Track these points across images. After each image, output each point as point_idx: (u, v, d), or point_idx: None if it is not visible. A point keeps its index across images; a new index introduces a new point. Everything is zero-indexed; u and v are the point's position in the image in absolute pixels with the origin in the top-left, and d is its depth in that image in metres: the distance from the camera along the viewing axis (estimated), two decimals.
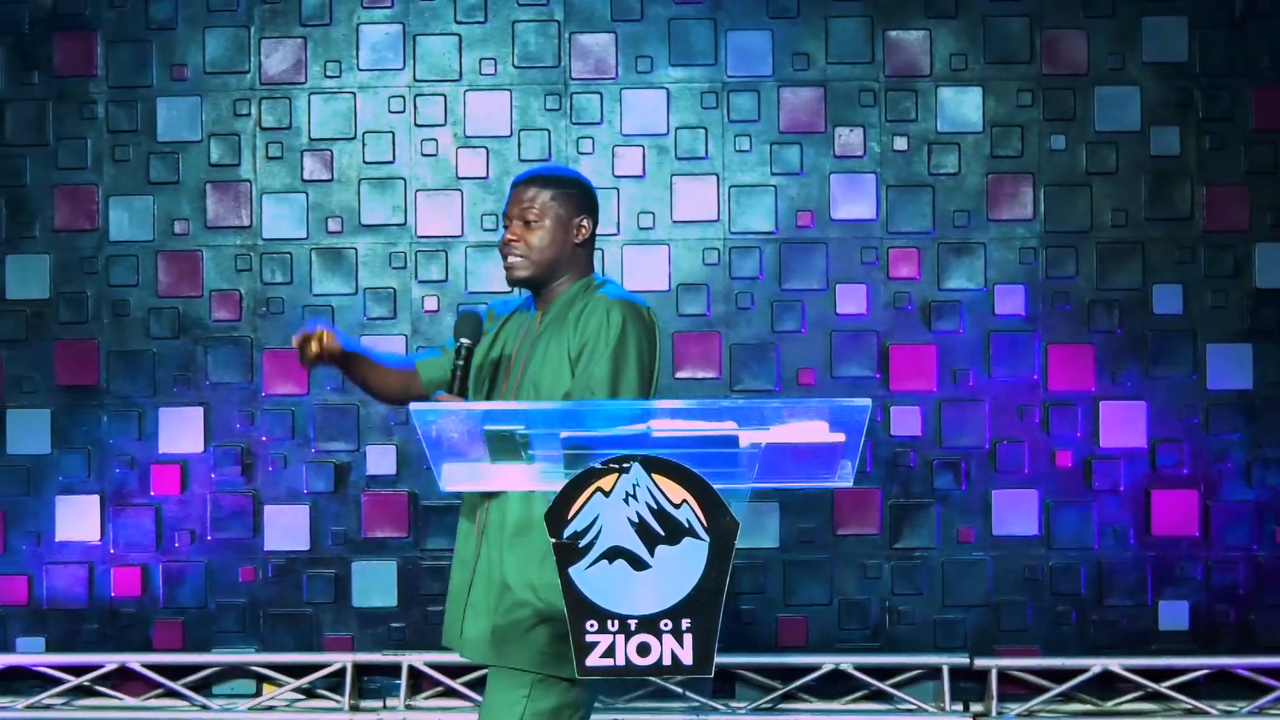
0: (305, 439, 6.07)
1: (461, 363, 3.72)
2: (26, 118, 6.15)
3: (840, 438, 4.50)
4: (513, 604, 3.72)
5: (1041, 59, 6.09)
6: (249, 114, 6.12)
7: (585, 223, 3.85)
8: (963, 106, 6.09)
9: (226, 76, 6.14)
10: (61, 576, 6.12)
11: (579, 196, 3.87)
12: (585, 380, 3.68)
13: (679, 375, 6.05)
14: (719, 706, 5.91)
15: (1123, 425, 6.07)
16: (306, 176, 6.11)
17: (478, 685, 6.01)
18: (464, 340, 3.74)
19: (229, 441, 6.08)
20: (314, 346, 3.82)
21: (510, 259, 3.84)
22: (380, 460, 6.08)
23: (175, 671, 6.10)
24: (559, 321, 3.80)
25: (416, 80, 6.12)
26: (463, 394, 3.73)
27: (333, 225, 6.10)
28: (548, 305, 3.87)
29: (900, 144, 6.09)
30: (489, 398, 3.89)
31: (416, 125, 6.12)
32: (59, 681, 6.07)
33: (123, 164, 6.12)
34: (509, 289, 5.90)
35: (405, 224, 6.10)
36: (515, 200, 3.84)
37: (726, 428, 4.61)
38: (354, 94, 6.12)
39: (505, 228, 3.85)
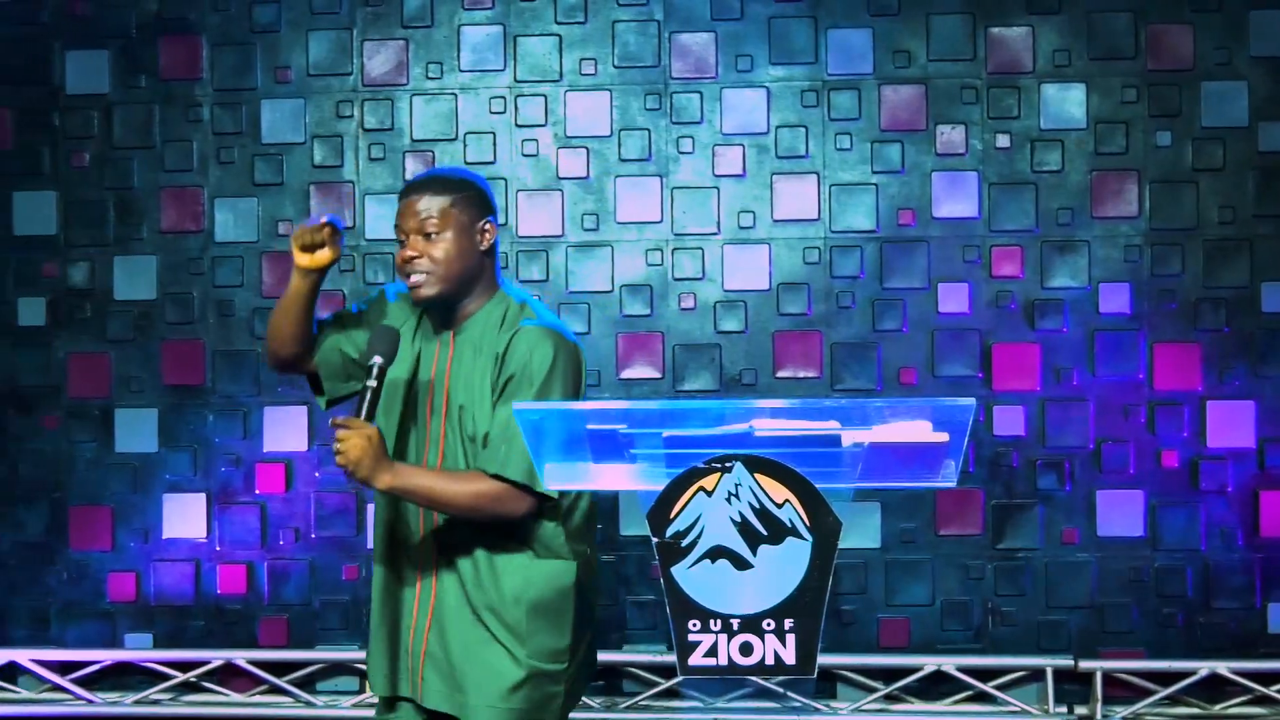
0: None
1: (374, 384, 3.48)
2: (134, 121, 6.35)
3: (944, 437, 4.59)
4: (498, 661, 3.63)
5: (1146, 54, 6.13)
6: (352, 116, 6.28)
7: (489, 226, 3.67)
8: (1066, 103, 6.14)
9: (329, 79, 6.30)
10: (169, 574, 6.31)
11: (479, 198, 3.69)
12: (505, 425, 3.50)
13: (779, 375, 6.15)
14: (820, 707, 6.00)
15: (1230, 425, 6.10)
16: (409, 177, 6.26)
17: None
18: (378, 359, 3.49)
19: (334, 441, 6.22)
20: (324, 236, 3.66)
21: (414, 277, 3.60)
22: None
23: (280, 668, 6.27)
24: (482, 348, 3.61)
25: (517, 81, 6.25)
26: (371, 419, 3.46)
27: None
28: (462, 324, 3.67)
29: (1003, 141, 6.15)
30: (403, 423, 3.68)
31: (517, 126, 6.26)
32: (166, 677, 6.26)
33: (228, 166, 6.30)
34: (608, 289, 6.03)
35: (506, 224, 6.23)
36: (408, 212, 3.61)
37: (829, 427, 4.72)
38: (455, 95, 6.26)
39: (401, 243, 3.62)
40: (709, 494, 4.63)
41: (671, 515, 4.65)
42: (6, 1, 6.37)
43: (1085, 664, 6.03)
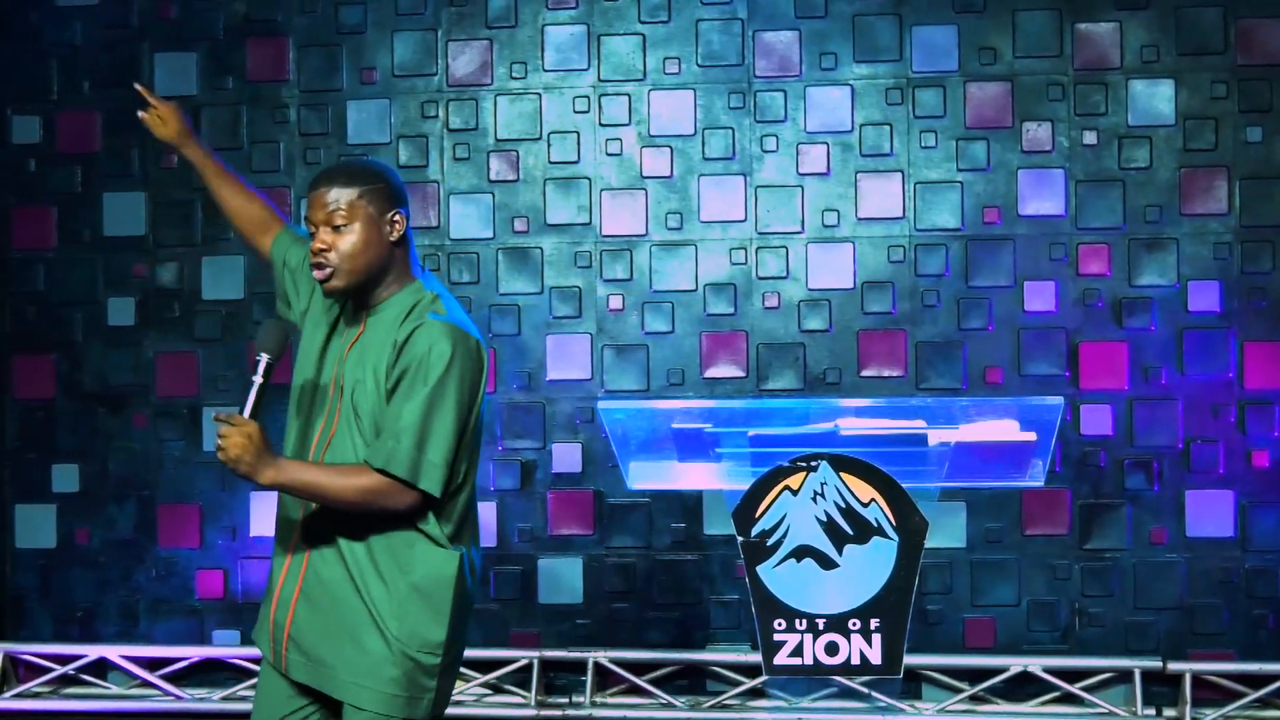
0: (492, 437, 6.34)
1: (261, 380, 3.46)
2: (221, 122, 6.52)
3: (1031, 437, 4.68)
4: (370, 639, 3.58)
5: (1236, 49, 6.18)
6: (436, 116, 6.41)
7: (398, 217, 3.63)
8: (1154, 99, 6.19)
9: (414, 79, 6.43)
10: (256, 571, 6.46)
11: (388, 190, 3.64)
12: (395, 419, 3.51)
13: (864, 374, 6.23)
14: (905, 707, 6.07)
15: None
16: (493, 177, 6.38)
17: (663, 682, 6.25)
18: (265, 356, 3.49)
19: None
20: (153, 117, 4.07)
21: (323, 272, 3.60)
22: (566, 458, 6.33)
23: None
24: (383, 337, 3.61)
25: (601, 80, 6.36)
26: (255, 415, 3.43)
27: (519, 225, 6.36)
28: (374, 308, 3.67)
29: (1090, 138, 6.19)
30: (314, 394, 3.69)
31: (601, 125, 6.36)
32: (253, 674, 6.39)
33: (314, 166, 6.46)
34: (692, 288, 6.14)
35: (590, 223, 6.33)
36: (317, 204, 3.60)
37: (915, 426, 4.80)
38: (539, 95, 6.38)
39: (311, 236, 3.62)
40: (794, 493, 4.74)
41: (757, 514, 4.76)
42: (96, 5, 6.55)
43: (1174, 666, 6.07)
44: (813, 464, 4.73)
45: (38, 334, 6.62)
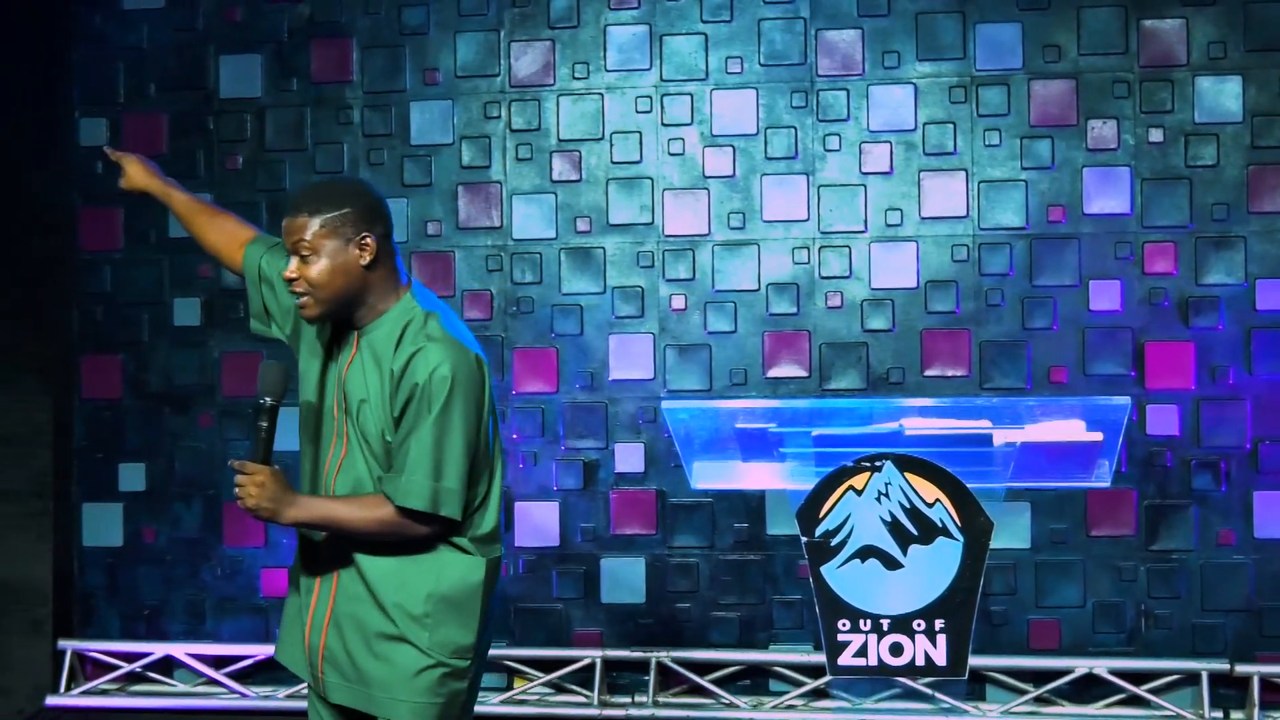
0: (555, 436, 6.38)
1: (266, 424, 3.53)
2: (286, 123, 6.59)
3: (1098, 437, 4.69)
4: (402, 654, 3.65)
5: None
6: (499, 116, 6.46)
7: (369, 240, 3.57)
8: (1221, 96, 6.17)
9: (477, 80, 6.48)
10: None
11: (354, 214, 3.58)
12: (405, 452, 3.55)
13: (927, 373, 6.24)
14: (969, 709, 6.07)
15: None
16: (555, 177, 6.42)
17: (726, 682, 6.28)
18: (267, 399, 3.54)
19: None
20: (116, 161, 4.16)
21: (298, 300, 3.62)
22: (629, 458, 6.37)
23: None
24: (381, 358, 3.62)
25: (663, 80, 6.40)
26: (267, 460, 3.51)
27: (581, 225, 6.39)
28: (365, 327, 3.67)
29: (1156, 136, 6.18)
30: (319, 416, 3.73)
31: (663, 125, 6.40)
32: None
33: (377, 167, 6.51)
34: (755, 287, 6.17)
35: (653, 223, 6.37)
36: (286, 231, 3.60)
37: (981, 426, 4.81)
38: (601, 95, 6.42)
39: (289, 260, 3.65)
40: (859, 493, 4.77)
41: (821, 514, 4.80)
42: (163, 9, 6.64)
43: (1241, 668, 6.06)
44: (877, 464, 4.76)
45: (105, 334, 6.73)
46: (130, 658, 6.66)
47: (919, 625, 4.81)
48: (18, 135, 6.62)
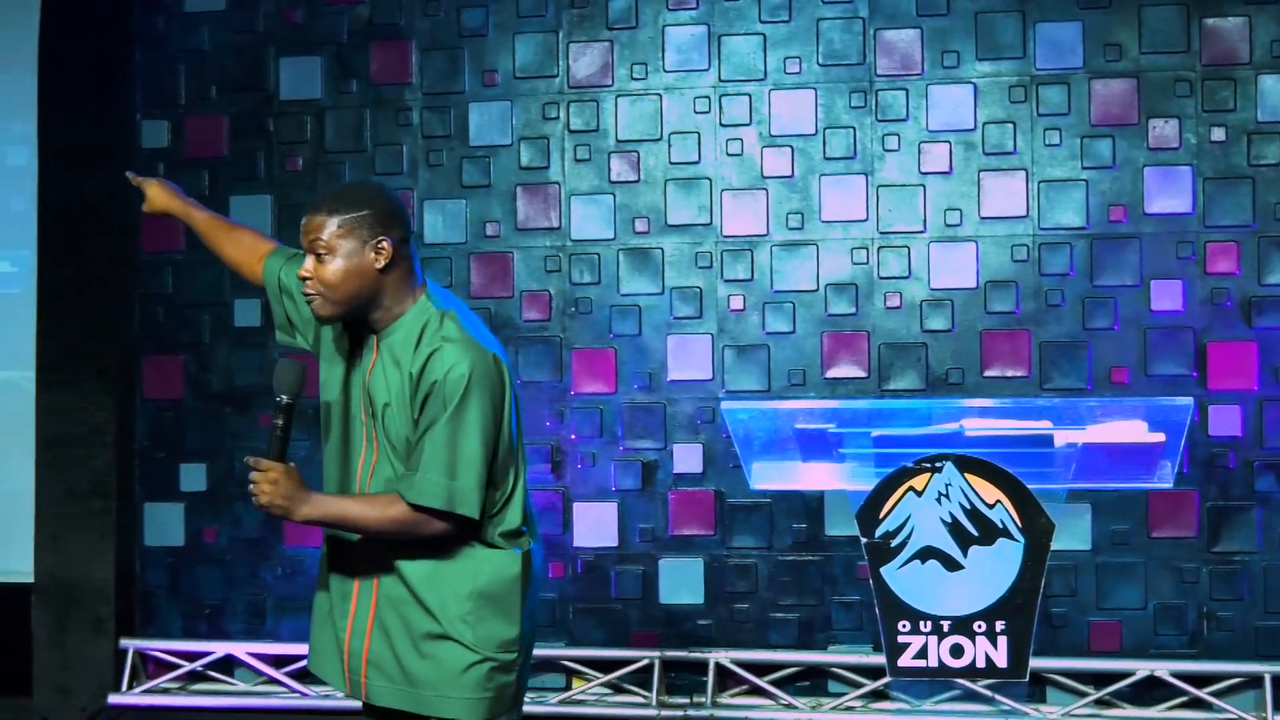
0: (613, 437, 6.41)
1: (281, 423, 3.58)
2: (346, 125, 6.66)
3: (1160, 437, 4.69)
4: (448, 652, 3.68)
5: None
6: (558, 117, 6.49)
7: (384, 244, 3.63)
8: None
9: (536, 81, 6.53)
10: None
11: (372, 217, 3.63)
12: (420, 451, 3.59)
13: (987, 374, 6.24)
14: (1029, 711, 6.07)
15: None
16: (614, 178, 6.45)
17: (784, 683, 6.30)
18: (283, 397, 3.60)
19: (539, 439, 6.45)
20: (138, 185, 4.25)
21: (312, 301, 3.67)
22: (687, 458, 6.40)
23: None
24: (400, 360, 3.67)
25: (721, 80, 6.42)
26: (281, 457, 3.56)
27: (639, 225, 6.43)
28: (383, 331, 3.71)
29: (1218, 135, 6.17)
30: (346, 422, 3.76)
31: (722, 125, 6.42)
32: None
33: (436, 168, 6.55)
34: (813, 288, 6.18)
35: (711, 223, 6.40)
36: (304, 230, 3.66)
37: (1042, 426, 4.81)
38: (660, 95, 6.45)
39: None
40: (919, 494, 4.79)
41: (881, 515, 4.82)
42: (223, 11, 6.71)
43: None
44: (938, 465, 4.77)
45: (167, 335, 6.81)
46: (191, 657, 6.73)
47: (980, 627, 4.82)
48: (81, 138, 6.72)
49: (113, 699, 6.64)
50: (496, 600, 3.70)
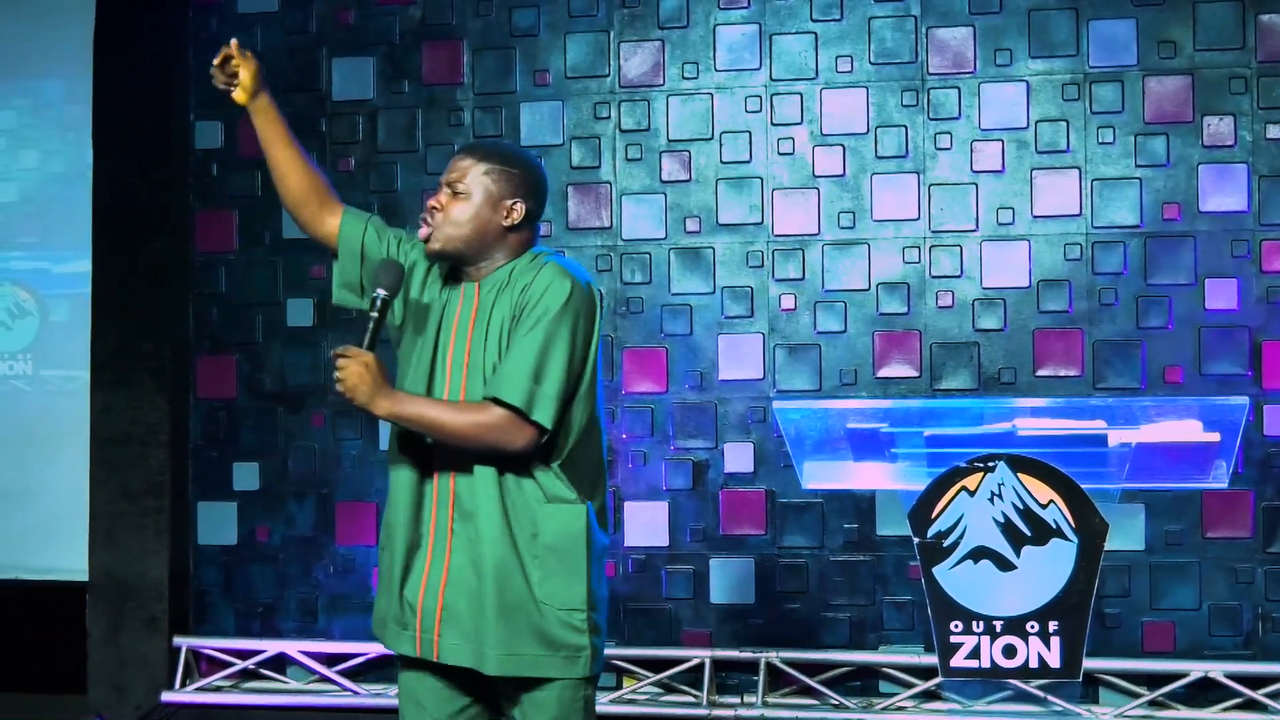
0: (664, 436, 6.46)
1: (376, 315, 3.68)
2: (397, 125, 6.72)
3: (1215, 437, 4.68)
4: (517, 610, 3.69)
5: None
6: (609, 117, 6.54)
7: (519, 206, 3.75)
8: None
9: (587, 80, 6.58)
10: None
11: (519, 178, 3.76)
12: (511, 352, 3.65)
13: (1039, 373, 6.26)
14: (1082, 712, 6.08)
15: None
16: (665, 177, 6.49)
17: (835, 683, 6.33)
18: (381, 291, 3.69)
19: None
20: (233, 65, 4.02)
21: (425, 228, 3.77)
22: (738, 458, 6.43)
23: None
24: (503, 295, 3.74)
25: (773, 79, 6.47)
26: (372, 346, 3.65)
27: (691, 225, 6.47)
28: (483, 279, 3.79)
29: (1273, 132, 6.22)
30: (431, 376, 3.77)
31: (773, 124, 6.46)
32: None
33: None
34: (865, 287, 6.20)
35: (762, 223, 6.43)
36: (450, 166, 3.79)
37: (1095, 426, 4.82)
38: (711, 95, 6.49)
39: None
40: (971, 494, 4.81)
41: (933, 515, 4.84)
42: (277, 12, 6.80)
43: None
44: (990, 464, 4.78)
45: (220, 335, 6.90)
46: (244, 655, 6.83)
47: (1032, 627, 4.83)
48: (135, 139, 6.84)
49: (166, 696, 6.73)
50: (562, 556, 3.70)
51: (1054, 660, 4.78)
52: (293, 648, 6.80)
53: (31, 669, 7.08)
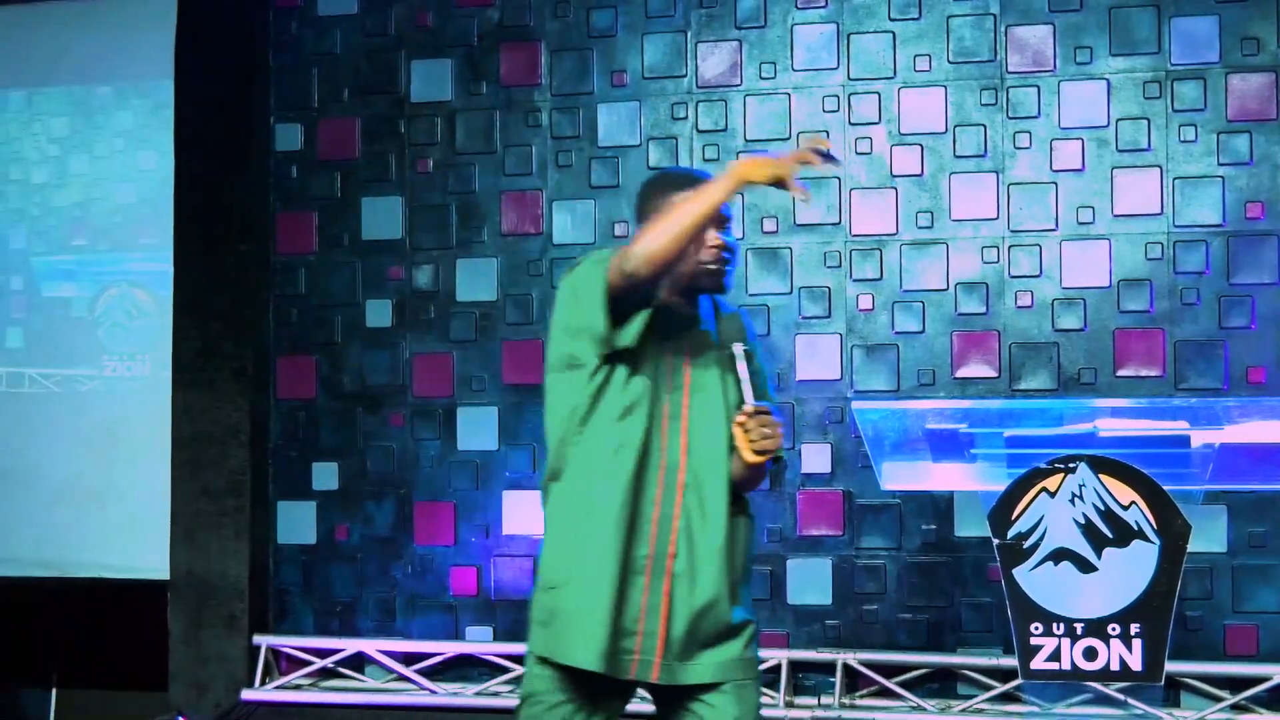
0: None
1: (744, 366, 4.01)
2: (476, 127, 6.81)
3: None
4: (734, 624, 3.82)
5: None
6: (686, 117, 6.59)
7: None
8: None
9: (664, 81, 6.64)
10: (508, 568, 6.71)
11: None
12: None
13: (1120, 374, 6.27)
14: (1163, 716, 6.10)
15: None
16: None
17: (913, 685, 6.34)
18: (738, 345, 4.01)
19: None
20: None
21: (723, 265, 3.94)
22: (815, 458, 6.47)
23: None
24: (719, 333, 4.01)
25: (850, 79, 6.50)
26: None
27: (768, 225, 6.51)
28: (692, 317, 4.01)
29: None
30: (652, 422, 3.89)
31: (850, 124, 6.50)
32: (505, 670, 6.65)
33: (566, 169, 6.67)
34: (943, 287, 6.19)
35: (840, 223, 6.47)
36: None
37: (1178, 427, 4.80)
38: (788, 94, 6.53)
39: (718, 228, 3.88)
40: (1052, 495, 4.82)
41: (1014, 516, 4.85)
42: (356, 15, 6.91)
43: None
44: (1071, 465, 4.79)
45: (300, 336, 7.01)
46: (323, 653, 6.94)
47: (1114, 629, 4.83)
48: (217, 142, 7.01)
49: (246, 694, 6.84)
50: (749, 566, 3.95)
51: (1135, 663, 4.77)
52: (371, 647, 6.92)
53: (114, 666, 7.23)
